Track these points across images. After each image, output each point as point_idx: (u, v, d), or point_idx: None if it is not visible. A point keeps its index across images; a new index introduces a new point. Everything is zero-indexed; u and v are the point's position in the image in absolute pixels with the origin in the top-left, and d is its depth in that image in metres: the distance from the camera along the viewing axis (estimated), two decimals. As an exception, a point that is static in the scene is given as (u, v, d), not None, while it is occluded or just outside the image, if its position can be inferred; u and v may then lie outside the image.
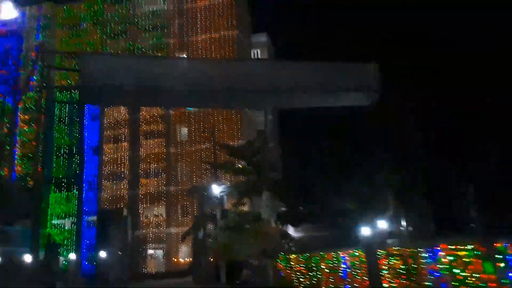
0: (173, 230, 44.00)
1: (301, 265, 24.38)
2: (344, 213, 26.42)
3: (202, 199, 33.79)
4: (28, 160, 52.66)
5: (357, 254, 19.60)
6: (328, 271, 20.83)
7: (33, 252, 27.53)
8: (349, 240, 23.85)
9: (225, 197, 32.02)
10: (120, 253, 38.68)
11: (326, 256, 21.29)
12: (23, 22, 56.77)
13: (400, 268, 13.80)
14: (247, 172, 31.30)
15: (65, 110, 53.47)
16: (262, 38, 60.53)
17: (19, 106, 54.18)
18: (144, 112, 48.14)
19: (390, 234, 17.48)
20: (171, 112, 47.64)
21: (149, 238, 44.17)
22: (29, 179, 52.66)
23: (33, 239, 28.16)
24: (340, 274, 20.36)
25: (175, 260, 43.19)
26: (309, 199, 30.53)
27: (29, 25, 56.45)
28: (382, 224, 14.95)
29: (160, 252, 44.51)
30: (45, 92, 55.37)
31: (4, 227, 39.60)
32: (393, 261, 14.48)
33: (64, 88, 53.44)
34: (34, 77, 55.04)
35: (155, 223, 44.78)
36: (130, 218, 42.49)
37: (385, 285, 15.47)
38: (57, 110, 53.56)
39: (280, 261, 27.19)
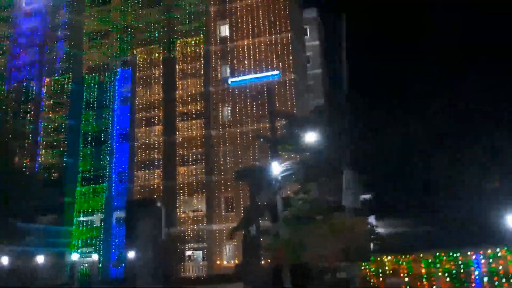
0: (215, 227, 36.83)
1: (401, 270, 17.62)
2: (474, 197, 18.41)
3: (255, 185, 26.46)
4: (52, 150, 47.16)
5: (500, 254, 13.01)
6: (447, 278, 14.50)
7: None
8: (481, 236, 16.43)
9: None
10: (153, 254, 31.93)
11: (444, 257, 14.84)
12: (49, -1, 51.67)
13: None
14: (318, 147, 23.84)
15: (93, 94, 47.63)
16: (313, 13, 53.11)
17: (44, 90, 48.93)
18: (181, 90, 41.48)
19: None
20: (211, 89, 40.75)
21: (187, 236, 37.16)
22: (54, 170, 47.27)
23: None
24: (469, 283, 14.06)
25: (218, 262, 36.00)
26: (411, 181, 22.61)
27: (55, 2, 51.27)
28: None
29: (199, 253, 37.42)
30: (71, 75, 50.31)
31: (17, 223, 33.72)
32: None
33: (92, 70, 47.92)
34: (60, 58, 49.91)
35: (194, 218, 37.77)
36: (165, 213, 35.72)
37: None
38: (84, 94, 47.92)
39: (368, 265, 20.34)
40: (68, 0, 51.20)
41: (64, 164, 46.52)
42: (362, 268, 20.76)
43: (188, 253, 37.14)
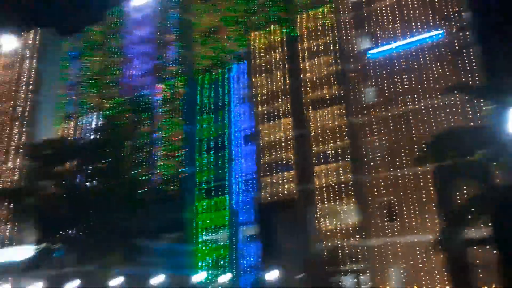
0: (374, 241, 27.66)
1: None
2: None
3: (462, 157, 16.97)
4: (169, 160, 42.57)
5: None
6: None
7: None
8: None
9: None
10: (300, 278, 24.07)
11: None
12: (157, 2, 48.53)
13: None
14: None
15: (208, 95, 42.34)
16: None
17: (158, 97, 45.18)
18: (309, 73, 33.71)
19: None
20: (348, 67, 32.26)
21: (336, 255, 28.49)
22: (173, 183, 42.59)
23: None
24: None
25: (383, 290, 26.66)
26: None
27: (163, 4, 47.92)
28: None
29: (351, 278, 28.40)
30: (184, 77, 45.95)
31: (134, 243, 28.57)
32: None
33: (206, 70, 42.91)
34: (171, 62, 46.10)
35: (341, 231, 29.06)
36: (306, 224, 27.74)
37: None
38: (198, 96, 42.90)
39: None
40: (176, 2, 47.47)
41: (181, 176, 41.56)
42: None
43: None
